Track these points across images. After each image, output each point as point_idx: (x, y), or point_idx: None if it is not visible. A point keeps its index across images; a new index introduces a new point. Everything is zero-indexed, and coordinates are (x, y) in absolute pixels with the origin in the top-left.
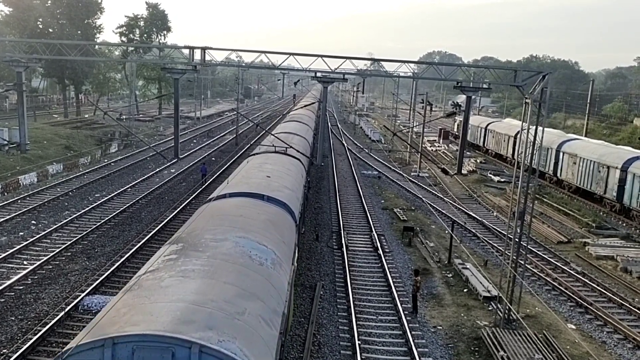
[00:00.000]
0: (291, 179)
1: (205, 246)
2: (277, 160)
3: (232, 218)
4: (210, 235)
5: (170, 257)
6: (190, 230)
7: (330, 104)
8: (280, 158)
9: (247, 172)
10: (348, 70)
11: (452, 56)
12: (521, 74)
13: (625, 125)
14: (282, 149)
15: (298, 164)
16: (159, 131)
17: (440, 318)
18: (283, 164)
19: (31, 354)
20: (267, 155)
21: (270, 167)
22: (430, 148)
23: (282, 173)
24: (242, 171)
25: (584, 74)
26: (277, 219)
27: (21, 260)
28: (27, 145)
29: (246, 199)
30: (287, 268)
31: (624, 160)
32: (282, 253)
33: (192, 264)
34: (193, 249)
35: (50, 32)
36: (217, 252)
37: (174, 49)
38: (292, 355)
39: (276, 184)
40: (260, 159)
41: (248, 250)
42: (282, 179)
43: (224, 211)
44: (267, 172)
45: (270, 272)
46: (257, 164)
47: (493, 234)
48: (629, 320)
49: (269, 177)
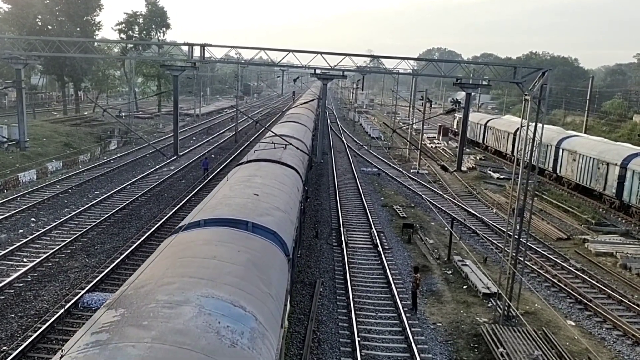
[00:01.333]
0: (284, 196)
1: (153, 317)
2: (268, 171)
3: (201, 262)
4: (164, 296)
5: (96, 338)
6: (140, 282)
7: (330, 101)
8: (272, 169)
9: (230, 189)
10: (347, 67)
11: (452, 53)
12: (521, 71)
13: (624, 122)
14: (274, 157)
15: (293, 176)
16: (158, 128)
17: (439, 315)
18: (275, 176)
19: (31, 351)
20: (257, 165)
21: (260, 181)
22: (430, 145)
23: (273, 188)
24: (225, 187)
25: (583, 71)
26: (263, 259)
27: (21, 257)
28: (26, 143)
29: (225, 230)
30: (272, 340)
31: (624, 157)
32: (266, 316)
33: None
34: (134, 322)
35: (49, 29)
36: (168, 328)
37: (173, 45)
38: (292, 352)
39: (265, 205)
40: (248, 169)
41: (216, 321)
42: (274, 196)
43: (192, 250)
44: (256, 187)
45: (246, 356)
46: (244, 177)
47: (492, 231)
48: (628, 316)
49: (257, 195)
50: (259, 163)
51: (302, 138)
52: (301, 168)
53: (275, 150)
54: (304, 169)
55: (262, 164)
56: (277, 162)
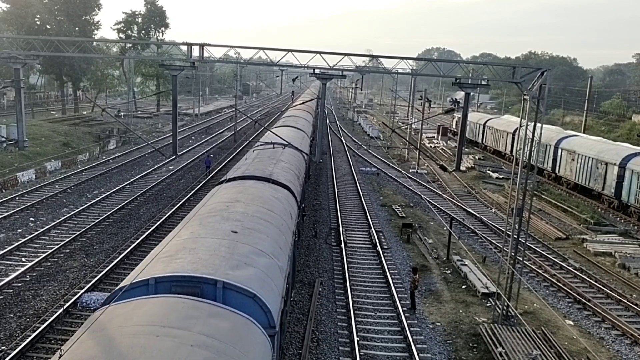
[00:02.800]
0: (273, 231)
1: None
2: (255, 193)
3: None
4: None
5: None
6: None
7: (329, 101)
8: (260, 189)
9: (201, 223)
10: (346, 67)
11: (451, 53)
12: (520, 71)
13: (623, 122)
14: (264, 174)
15: (286, 198)
16: (157, 128)
17: (438, 314)
18: (263, 200)
19: (30, 351)
20: (242, 185)
21: (242, 210)
22: (429, 145)
23: (259, 220)
24: (195, 220)
25: (582, 71)
26: (231, 352)
27: (20, 257)
28: (25, 142)
29: (179, 302)
30: None
31: (622, 156)
32: None
33: None
34: None
35: (47, 29)
36: None
37: (172, 45)
38: (291, 351)
39: (244, 249)
40: (229, 191)
41: None
42: (258, 233)
43: (117, 345)
44: (235, 220)
45: None
46: (221, 204)
47: (491, 231)
48: (627, 316)
49: (235, 232)
50: (245, 182)
51: (299, 144)
52: (296, 185)
53: (267, 161)
54: (300, 184)
55: (248, 183)
56: (267, 180)
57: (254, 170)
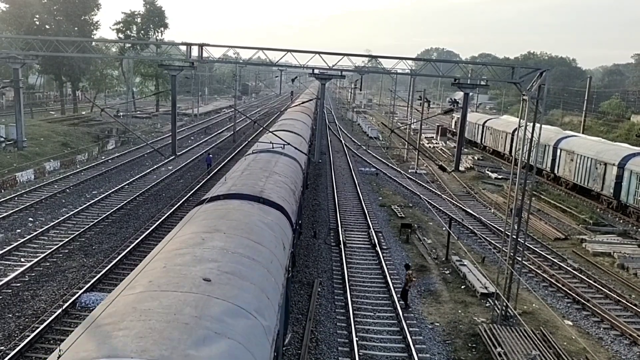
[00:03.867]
0: (259, 273)
1: None
2: (240, 219)
3: None
4: None
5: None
6: None
7: (328, 101)
8: (247, 213)
9: (167, 264)
10: (346, 67)
11: (450, 53)
12: (519, 71)
13: (622, 122)
14: (253, 191)
15: (278, 224)
16: (156, 128)
17: (437, 315)
18: (249, 229)
19: (29, 351)
20: (225, 207)
21: (220, 244)
22: (428, 145)
23: (242, 257)
24: (160, 257)
25: (581, 71)
26: None
27: (18, 257)
28: (24, 142)
29: None
30: None
31: (621, 157)
32: None
33: None
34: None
35: (46, 29)
36: None
37: (171, 45)
38: (290, 352)
39: (218, 308)
40: (208, 217)
41: None
42: (238, 281)
43: None
44: (209, 260)
45: None
46: (198, 234)
47: (490, 231)
48: (625, 316)
49: (208, 280)
50: (229, 203)
51: (296, 152)
52: (291, 202)
53: (258, 174)
54: (295, 201)
55: (233, 203)
56: (257, 200)
57: (241, 185)
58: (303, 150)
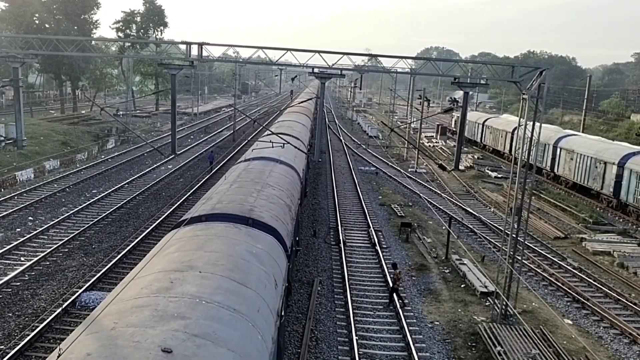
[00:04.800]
0: (239, 340)
1: None
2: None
3: None
4: None
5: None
6: None
7: (328, 100)
8: (232, 241)
9: (116, 325)
10: (345, 66)
11: (450, 52)
12: (519, 70)
13: (622, 121)
14: (241, 210)
15: (271, 251)
16: (156, 127)
17: (437, 314)
18: (234, 264)
19: (29, 350)
20: (207, 230)
21: (192, 292)
22: (428, 144)
23: (218, 311)
24: (112, 312)
25: (581, 70)
26: None
27: (18, 256)
28: (23, 142)
29: None
30: None
31: (621, 156)
32: None
33: None
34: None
35: (46, 28)
36: None
37: (171, 44)
38: (290, 350)
39: None
40: (184, 245)
41: None
42: (212, 348)
43: None
44: (176, 315)
45: None
46: (166, 274)
47: (490, 230)
48: (625, 315)
49: (169, 352)
50: (211, 226)
51: (294, 157)
52: (286, 222)
53: (249, 187)
54: (292, 218)
55: (216, 227)
56: (245, 222)
57: (228, 202)
58: (302, 150)
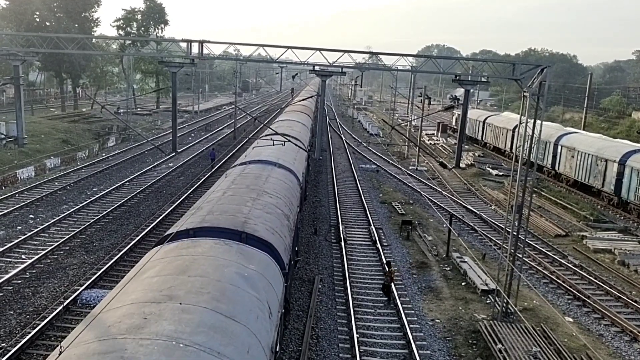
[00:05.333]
0: None
1: None
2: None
3: None
4: None
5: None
6: None
7: (329, 98)
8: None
9: None
10: (346, 64)
11: (451, 50)
12: (519, 68)
13: (623, 119)
14: (235, 225)
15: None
16: (156, 125)
17: (438, 311)
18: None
19: (30, 347)
20: (193, 248)
21: (170, 330)
22: (429, 142)
23: (198, 356)
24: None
25: (582, 68)
26: None
27: (19, 254)
28: (24, 139)
29: None
30: None
31: (622, 153)
32: None
33: None
34: None
35: (47, 26)
36: None
37: (172, 42)
38: (291, 348)
39: None
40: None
41: None
42: None
43: None
44: (156, 352)
45: None
46: (140, 306)
47: (491, 228)
48: (626, 313)
49: None
50: (198, 243)
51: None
52: (284, 235)
53: (244, 195)
54: (290, 230)
55: (203, 245)
56: (238, 237)
57: (220, 213)
58: (302, 151)
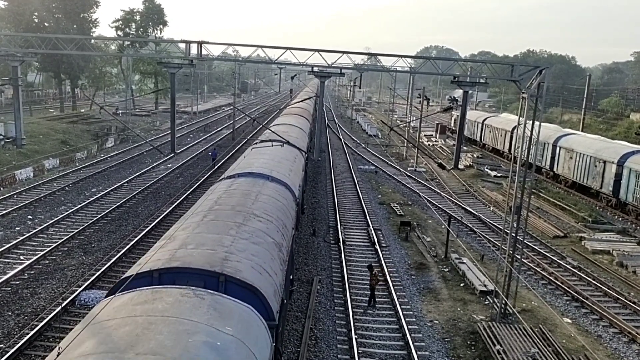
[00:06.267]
0: None
1: None
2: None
3: None
4: None
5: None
6: None
7: (327, 99)
8: (187, 326)
9: None
10: (345, 65)
11: (449, 51)
12: (518, 69)
13: (621, 120)
14: (211, 265)
15: (247, 342)
16: (155, 126)
17: (436, 312)
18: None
19: (28, 348)
20: (153, 303)
21: None
22: (427, 143)
23: None
24: None
25: (580, 69)
26: None
27: (18, 255)
28: (23, 140)
29: None
30: None
31: (620, 155)
32: None
33: None
34: None
35: (45, 26)
36: None
37: (171, 43)
38: (290, 349)
39: None
40: (111, 334)
41: None
42: None
43: None
44: None
45: None
46: None
47: (489, 229)
48: (624, 314)
49: None
50: (160, 296)
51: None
52: (275, 270)
53: (229, 219)
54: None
55: (164, 300)
56: (213, 284)
57: (195, 246)
58: (299, 158)
